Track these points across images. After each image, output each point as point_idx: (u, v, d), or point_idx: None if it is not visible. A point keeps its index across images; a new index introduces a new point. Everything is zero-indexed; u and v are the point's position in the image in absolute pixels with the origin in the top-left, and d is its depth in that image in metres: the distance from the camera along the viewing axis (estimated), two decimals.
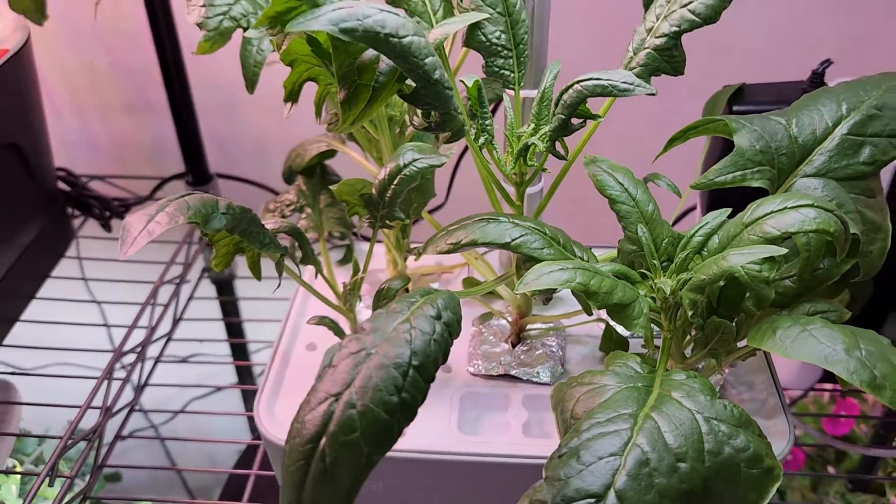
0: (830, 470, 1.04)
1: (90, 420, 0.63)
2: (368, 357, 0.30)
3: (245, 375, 0.95)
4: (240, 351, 0.92)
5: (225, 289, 0.89)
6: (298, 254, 0.49)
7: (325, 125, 0.54)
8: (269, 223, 0.48)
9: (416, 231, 0.61)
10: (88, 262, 0.83)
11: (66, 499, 0.58)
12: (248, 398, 0.99)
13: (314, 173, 0.65)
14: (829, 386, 0.86)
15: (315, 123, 0.47)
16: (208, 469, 1.04)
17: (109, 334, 0.90)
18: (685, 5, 0.40)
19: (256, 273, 0.45)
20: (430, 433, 0.48)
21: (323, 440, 0.28)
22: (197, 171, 0.83)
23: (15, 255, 0.70)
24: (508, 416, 0.50)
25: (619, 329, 0.52)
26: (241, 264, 0.91)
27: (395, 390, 0.29)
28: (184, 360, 0.80)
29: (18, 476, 0.83)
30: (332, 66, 0.42)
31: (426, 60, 0.36)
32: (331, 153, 0.64)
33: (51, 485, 0.54)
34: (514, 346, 0.54)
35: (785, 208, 0.40)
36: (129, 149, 0.97)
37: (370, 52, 0.37)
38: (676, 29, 0.41)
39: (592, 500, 0.32)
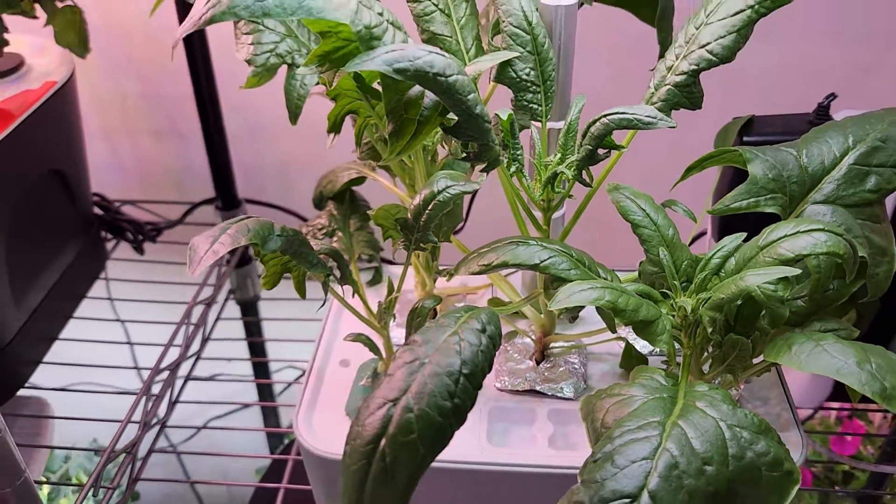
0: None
1: (125, 435, 0.66)
2: (422, 366, 0.33)
3: (266, 394, 0.97)
4: (262, 369, 0.95)
5: (249, 310, 0.92)
6: (336, 273, 0.52)
7: (354, 153, 0.58)
8: (314, 244, 0.51)
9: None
10: (119, 283, 0.86)
11: None
12: (269, 416, 1.01)
13: (344, 199, 0.68)
14: (836, 405, 0.89)
15: (337, 150, 0.50)
16: (234, 482, 1.06)
17: (133, 353, 0.93)
18: (703, 45, 0.44)
19: (301, 292, 0.48)
20: (460, 445, 0.51)
21: (383, 441, 0.31)
22: (226, 197, 0.87)
23: (56, 277, 0.73)
24: (534, 430, 0.53)
25: (639, 346, 0.55)
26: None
27: (448, 396, 0.32)
28: (211, 378, 0.83)
29: (46, 489, 0.85)
30: (372, 101, 0.45)
31: (469, 97, 0.39)
32: (360, 180, 0.67)
33: (95, 494, 0.57)
34: (538, 363, 0.57)
35: (797, 232, 0.43)
36: (158, 174, 1.01)
37: (416, 89, 0.40)
38: (695, 68, 0.44)
39: (628, 501, 0.34)
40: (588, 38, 0.68)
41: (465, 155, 0.43)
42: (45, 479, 0.86)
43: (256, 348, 0.93)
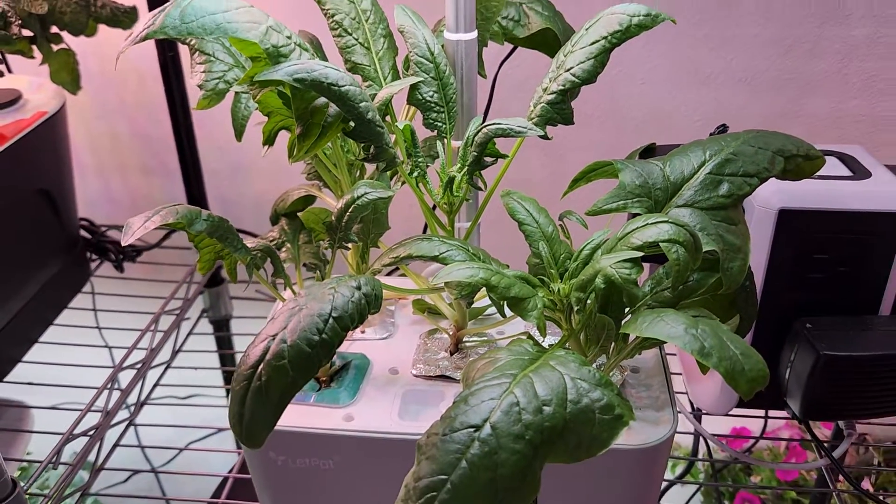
0: None
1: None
2: (300, 310, 0.41)
3: None
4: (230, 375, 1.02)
5: (222, 327, 0.99)
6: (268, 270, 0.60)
7: (303, 175, 0.66)
8: (250, 243, 0.59)
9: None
10: (101, 297, 0.95)
11: (67, 491, 0.67)
12: None
13: (295, 216, 0.77)
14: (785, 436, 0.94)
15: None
16: (199, 472, 1.11)
17: (111, 357, 1.00)
18: (568, 69, 0.52)
19: (232, 275, 0.55)
20: (374, 419, 0.58)
21: (261, 366, 0.39)
22: None
23: (37, 287, 0.81)
24: (441, 408, 0.59)
25: (546, 343, 0.62)
26: (238, 306, 1.02)
27: (317, 332, 0.39)
28: (183, 399, 0.90)
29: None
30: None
31: (361, 104, 0.47)
32: (311, 198, 0.75)
33: (55, 468, 0.64)
34: (451, 354, 0.64)
35: (646, 224, 0.50)
36: (144, 206, 1.10)
37: (321, 100, 0.49)
38: (563, 88, 0.53)
39: (472, 430, 0.41)
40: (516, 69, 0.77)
41: (364, 156, 0.51)
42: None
43: (228, 363, 1.01)
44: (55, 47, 0.81)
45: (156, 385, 0.83)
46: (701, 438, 0.97)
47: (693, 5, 0.92)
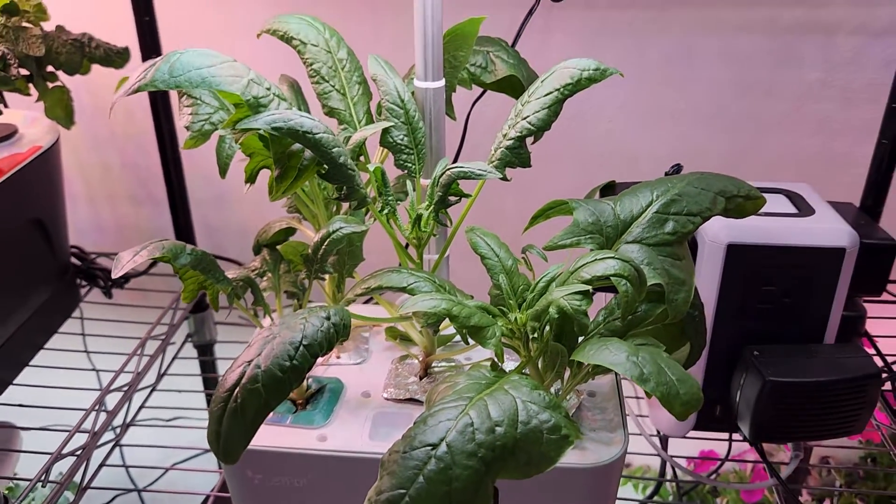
0: None
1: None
2: (273, 338, 0.45)
3: None
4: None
5: (206, 351, 1.03)
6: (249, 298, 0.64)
7: (284, 209, 0.71)
8: (233, 273, 0.63)
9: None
10: (89, 322, 0.98)
11: None
12: None
13: (275, 247, 0.81)
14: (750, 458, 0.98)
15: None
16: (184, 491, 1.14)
17: (99, 380, 1.03)
18: (525, 118, 0.57)
19: (215, 304, 0.60)
20: (345, 440, 0.61)
21: (237, 389, 0.43)
22: None
23: (29, 313, 0.85)
24: None
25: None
26: (221, 331, 1.06)
27: (288, 358, 0.44)
28: (168, 421, 0.93)
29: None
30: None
31: (333, 150, 0.52)
32: (291, 230, 0.80)
33: (44, 486, 0.67)
34: (421, 378, 0.68)
35: (595, 260, 0.55)
36: (132, 234, 1.14)
37: (297, 145, 0.53)
38: (520, 134, 0.58)
39: (429, 448, 0.45)
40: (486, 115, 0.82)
41: (337, 196, 0.56)
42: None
43: (210, 386, 1.04)
44: (50, 85, 0.86)
45: (141, 407, 0.87)
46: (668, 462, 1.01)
47: (658, 49, 0.98)
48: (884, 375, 0.86)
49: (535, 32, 0.90)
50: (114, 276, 0.49)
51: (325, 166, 0.53)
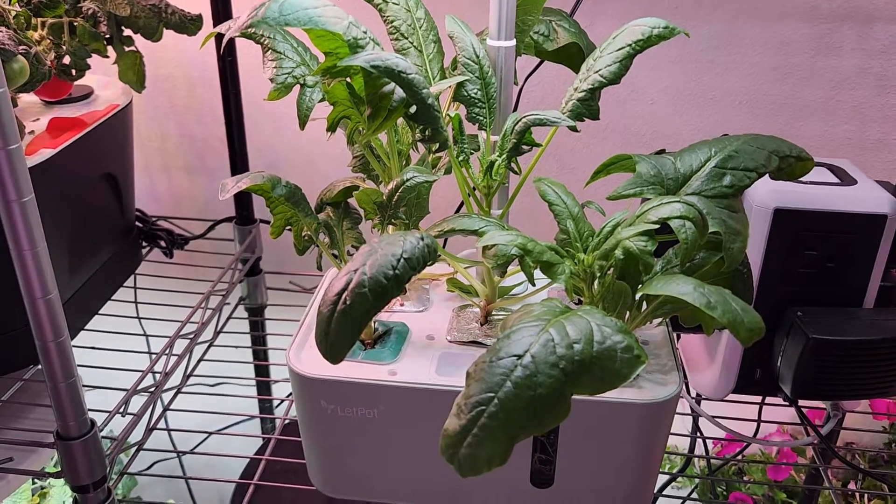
0: None
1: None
2: (375, 252, 0.49)
3: (263, 388, 1.12)
4: (262, 355, 1.10)
5: (257, 313, 1.07)
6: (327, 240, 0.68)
7: (349, 168, 0.75)
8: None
9: None
10: (152, 278, 1.03)
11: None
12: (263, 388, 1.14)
13: (339, 206, 0.85)
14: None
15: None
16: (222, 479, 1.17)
17: (147, 344, 1.07)
18: (597, 71, 0.61)
19: (299, 244, 0.64)
20: (414, 374, 0.65)
21: (345, 293, 0.47)
22: (245, 215, 1.04)
23: (99, 265, 0.89)
24: None
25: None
26: (272, 295, 1.10)
27: (391, 268, 0.47)
28: (215, 387, 0.97)
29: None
30: (360, 107, 0.62)
31: (423, 91, 0.56)
32: (353, 188, 0.84)
33: (123, 416, 0.71)
34: (482, 325, 0.72)
35: (661, 204, 0.59)
36: (185, 203, 1.18)
37: (389, 86, 0.58)
38: (591, 86, 0.61)
39: (515, 358, 0.49)
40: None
41: (421, 138, 0.60)
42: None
43: (259, 354, 1.08)
44: (126, 49, 0.90)
45: (200, 360, 0.91)
46: (698, 441, 1.04)
47: (701, 33, 1.02)
48: None
49: (582, 14, 0.94)
50: (221, 198, 0.53)
51: (415, 107, 0.57)
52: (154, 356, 0.79)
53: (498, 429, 0.46)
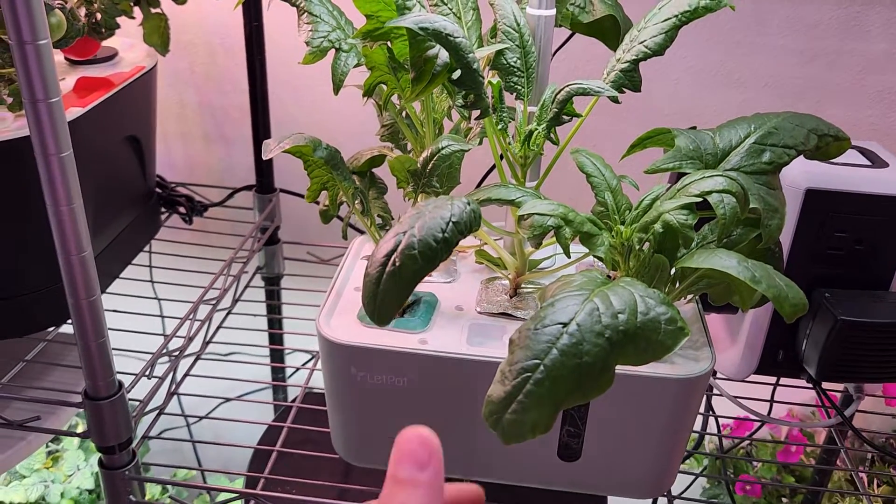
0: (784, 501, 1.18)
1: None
2: (423, 215, 0.48)
3: (278, 358, 1.12)
4: (277, 325, 1.10)
5: (273, 282, 1.07)
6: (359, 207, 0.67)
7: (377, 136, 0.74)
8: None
9: None
10: (171, 244, 1.02)
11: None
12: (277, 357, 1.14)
13: (366, 175, 0.84)
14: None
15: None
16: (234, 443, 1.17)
17: (160, 308, 1.07)
18: (641, 42, 0.61)
19: (333, 207, 0.63)
20: (444, 343, 0.65)
21: (394, 255, 0.46)
22: (265, 183, 1.03)
23: (120, 228, 0.88)
24: (504, 340, 0.67)
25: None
26: (288, 265, 1.09)
27: (440, 231, 0.47)
28: (228, 356, 0.97)
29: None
30: (398, 73, 0.62)
31: (469, 55, 0.55)
32: (381, 158, 0.83)
33: (149, 378, 0.70)
34: (511, 297, 0.71)
35: (703, 178, 0.58)
36: (202, 171, 1.17)
37: (433, 50, 0.57)
38: (635, 58, 0.61)
39: (561, 325, 0.49)
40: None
41: (463, 104, 0.59)
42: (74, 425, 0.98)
43: (275, 320, 1.08)
44: (152, 11, 0.89)
45: (219, 328, 0.90)
46: (710, 420, 1.05)
47: (729, 13, 1.01)
48: None
49: None
50: (265, 157, 0.52)
51: (459, 71, 0.56)
52: (178, 321, 0.78)
53: (544, 395, 0.46)
